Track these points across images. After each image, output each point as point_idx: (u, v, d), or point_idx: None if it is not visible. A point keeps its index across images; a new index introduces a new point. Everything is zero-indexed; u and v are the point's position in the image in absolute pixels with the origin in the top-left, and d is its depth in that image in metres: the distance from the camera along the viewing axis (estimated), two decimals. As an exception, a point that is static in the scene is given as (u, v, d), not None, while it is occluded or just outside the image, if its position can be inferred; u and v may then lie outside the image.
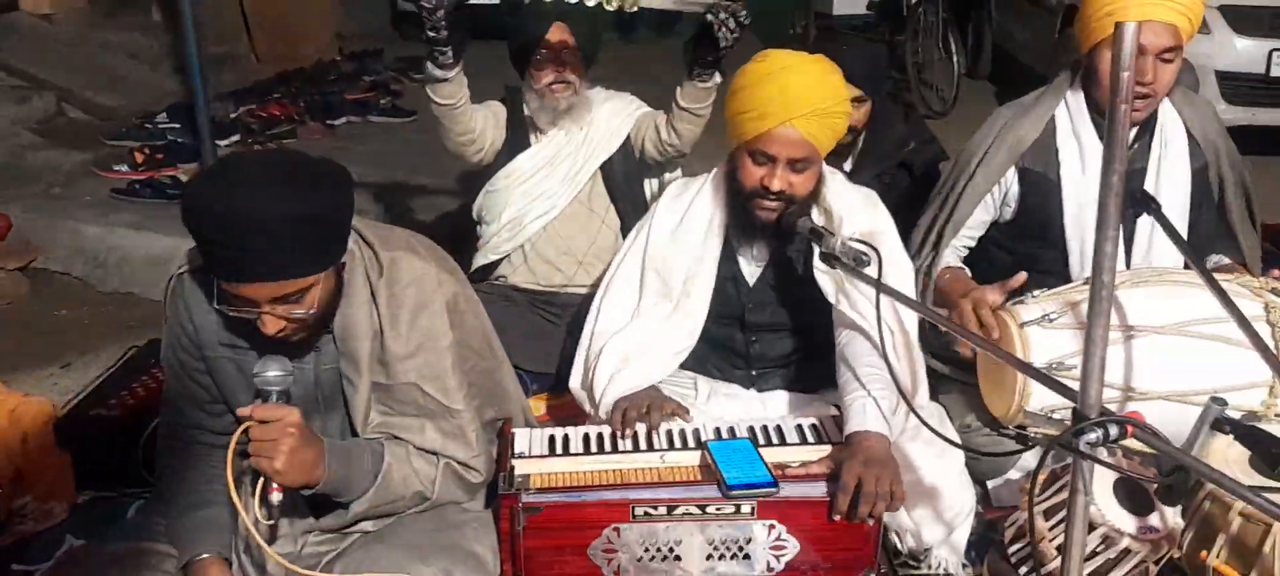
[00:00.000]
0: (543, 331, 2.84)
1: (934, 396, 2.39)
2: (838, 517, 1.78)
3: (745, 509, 1.80)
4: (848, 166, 3.06)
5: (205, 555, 1.77)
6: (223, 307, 1.66)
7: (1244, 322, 1.72)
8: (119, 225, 3.98)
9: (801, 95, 2.00)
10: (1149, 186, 2.30)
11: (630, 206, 2.88)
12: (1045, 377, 1.58)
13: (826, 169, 2.22)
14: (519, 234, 2.90)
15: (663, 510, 1.79)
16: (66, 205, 4.16)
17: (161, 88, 5.80)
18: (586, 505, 1.81)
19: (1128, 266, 2.32)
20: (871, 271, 1.91)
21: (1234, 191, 2.34)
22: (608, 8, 2.42)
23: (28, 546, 2.26)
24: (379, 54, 7.61)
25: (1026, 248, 2.47)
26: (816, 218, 2.17)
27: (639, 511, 1.79)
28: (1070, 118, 2.38)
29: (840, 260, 1.95)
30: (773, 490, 1.80)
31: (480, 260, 3.00)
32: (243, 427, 1.63)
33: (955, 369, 2.45)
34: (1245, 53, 5.08)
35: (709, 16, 2.42)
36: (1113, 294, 1.41)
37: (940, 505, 2.09)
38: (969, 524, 2.15)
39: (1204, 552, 1.91)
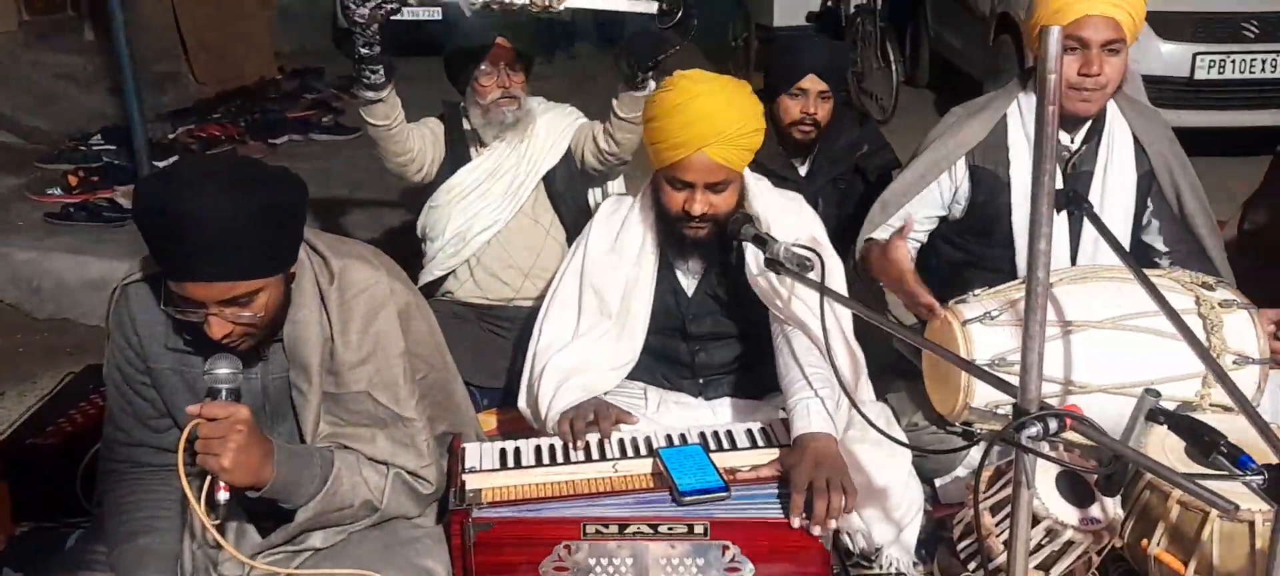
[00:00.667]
0: (491, 346, 2.83)
1: (881, 396, 2.43)
2: (797, 523, 1.79)
3: (698, 528, 1.79)
4: (804, 170, 3.10)
5: None
6: (170, 310, 1.64)
7: (1174, 316, 1.77)
8: (54, 250, 3.90)
9: (712, 124, 2.01)
10: (1094, 189, 2.36)
11: (574, 217, 2.88)
12: (985, 374, 1.61)
13: (749, 176, 2.24)
14: (464, 249, 2.88)
15: (614, 528, 1.79)
16: (-2, 231, 4.06)
17: (96, 109, 5.69)
18: (538, 521, 1.80)
19: (1072, 261, 2.37)
20: (815, 276, 1.94)
21: (1192, 199, 2.39)
22: (531, 11, 2.41)
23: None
24: (320, 72, 7.54)
25: (976, 245, 2.52)
26: None
27: (590, 529, 1.78)
28: (1022, 118, 2.43)
29: (784, 265, 1.98)
30: (724, 494, 1.81)
31: (426, 276, 2.97)
32: (191, 425, 1.61)
33: (909, 348, 2.49)
34: (1170, 57, 5.23)
35: (663, 6, 2.42)
36: (1048, 290, 1.44)
37: (889, 504, 2.11)
38: (918, 522, 2.17)
39: (1145, 541, 1.96)
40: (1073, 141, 2.39)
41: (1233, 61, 5.24)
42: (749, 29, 8.14)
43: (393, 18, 2.42)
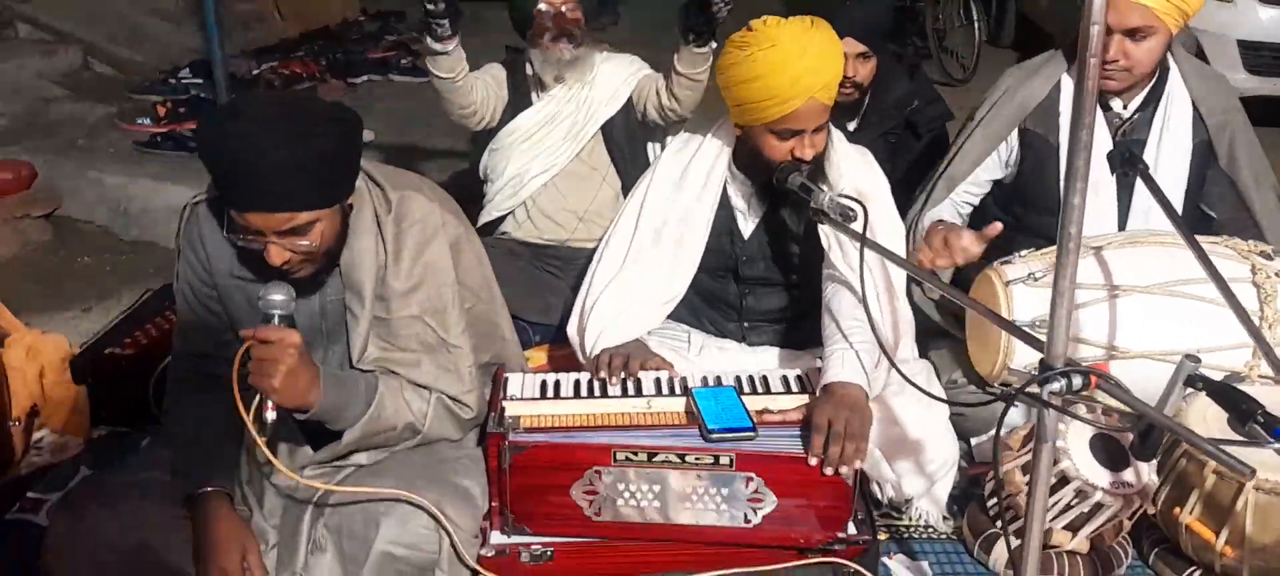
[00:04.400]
0: (545, 284, 2.89)
1: (923, 353, 2.43)
2: (815, 460, 1.82)
3: (724, 460, 1.84)
4: (853, 126, 3.08)
5: (208, 488, 1.82)
6: (233, 237, 1.73)
7: (1220, 281, 1.74)
8: (140, 176, 4.08)
9: (819, 74, 2.03)
10: (1148, 156, 2.30)
11: (631, 167, 2.90)
12: (1011, 326, 1.62)
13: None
14: (520, 191, 2.94)
15: (643, 456, 1.84)
16: (90, 156, 4.26)
17: (185, 44, 5.86)
18: (571, 447, 1.86)
19: (1121, 227, 2.33)
20: (857, 227, 1.95)
21: (1248, 171, 2.33)
22: None
23: (44, 476, 2.36)
24: (402, 15, 7.65)
25: (1024, 211, 2.49)
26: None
27: (620, 456, 1.84)
28: (1073, 83, 2.38)
29: (827, 215, 2.00)
30: (751, 434, 1.85)
31: (485, 217, 3.05)
32: (245, 347, 1.70)
33: (950, 320, 2.47)
34: (1270, 22, 5.01)
35: None
36: (1080, 247, 1.44)
37: (923, 458, 2.13)
38: (951, 476, 2.19)
39: (1178, 509, 1.95)
40: (1125, 107, 2.34)
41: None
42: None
43: None
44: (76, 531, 1.76)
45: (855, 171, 2.22)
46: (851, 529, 1.91)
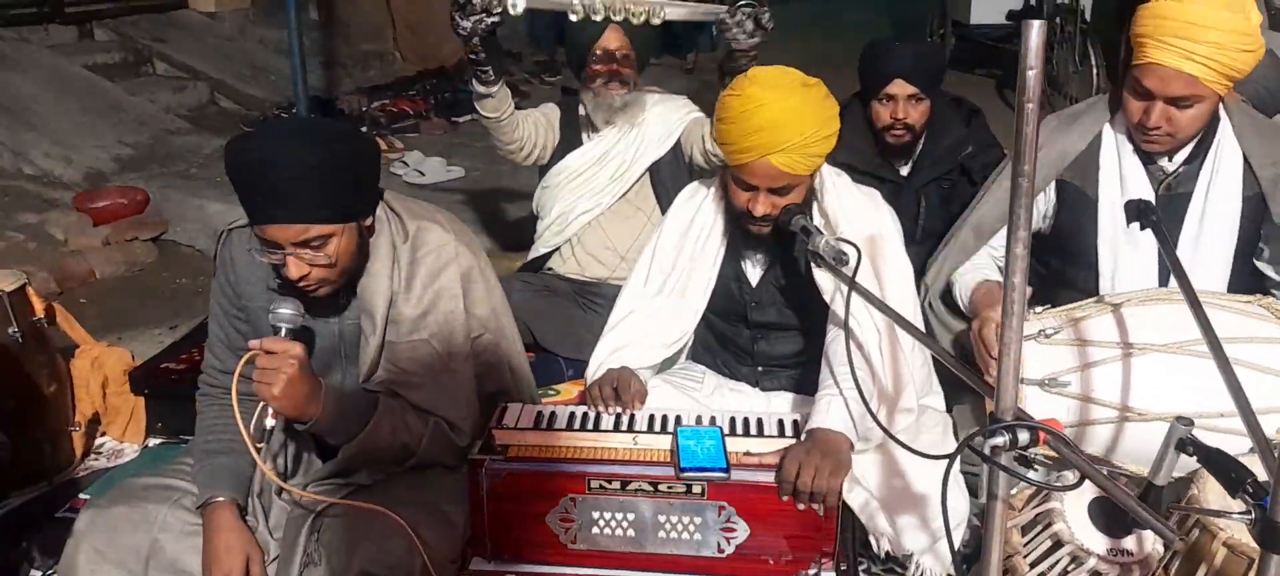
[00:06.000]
0: (581, 321, 2.94)
1: (951, 407, 2.36)
2: (787, 499, 1.81)
3: (696, 489, 1.84)
4: (906, 170, 3.03)
5: (221, 498, 1.93)
6: (256, 252, 1.85)
7: (1214, 344, 1.63)
8: (239, 205, 4.33)
9: (775, 135, 1.98)
10: (1193, 211, 2.19)
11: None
12: (979, 381, 1.56)
13: (830, 171, 2.22)
14: (566, 228, 3.02)
15: (617, 485, 1.86)
16: (199, 184, 4.58)
17: (309, 82, 6.27)
18: (546, 475, 1.89)
19: (1162, 283, 2.21)
20: (849, 270, 1.92)
21: None
22: (614, 20, 2.50)
23: (98, 479, 2.55)
24: (518, 56, 7.94)
25: (1060, 264, 2.39)
26: (817, 219, 2.19)
27: (594, 484, 1.86)
28: (1114, 136, 2.29)
29: (823, 258, 1.98)
30: (723, 475, 1.84)
31: (534, 252, 3.14)
32: (249, 356, 1.80)
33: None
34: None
35: (726, 17, 2.46)
36: (1025, 299, 1.38)
37: (928, 512, 2.06)
38: (959, 534, 2.12)
39: (1186, 583, 1.82)
40: (1171, 160, 2.23)
41: None
42: (946, 25, 7.85)
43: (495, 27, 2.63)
44: (100, 526, 1.89)
45: (860, 214, 2.18)
46: (827, 564, 1.87)
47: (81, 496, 2.47)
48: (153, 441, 2.72)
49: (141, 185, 4.44)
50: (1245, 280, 2.28)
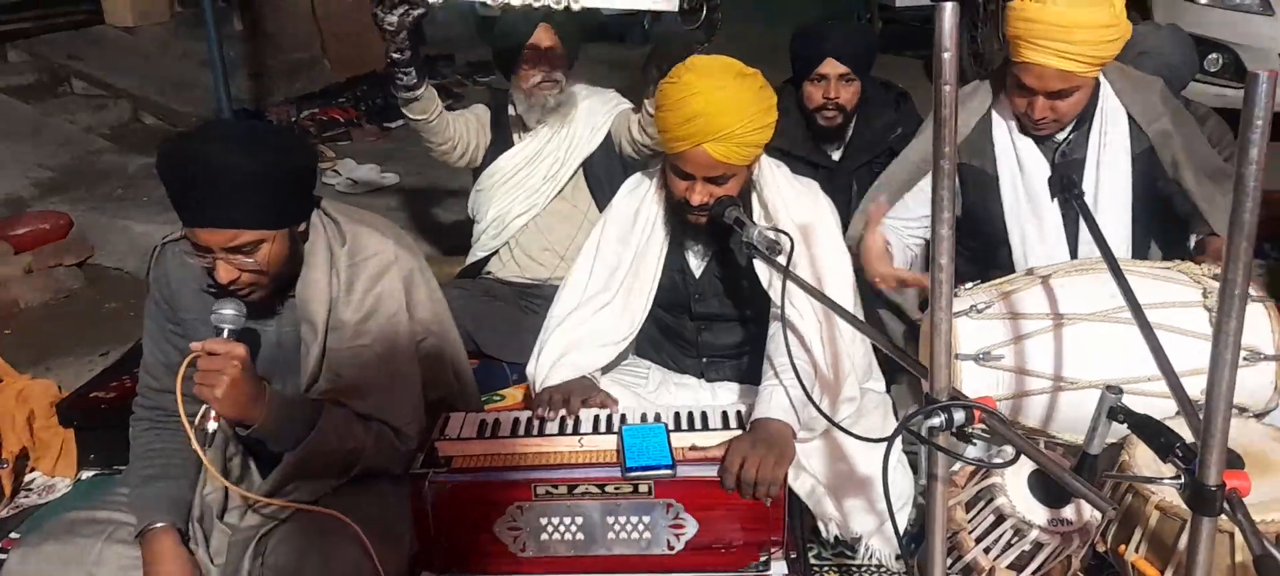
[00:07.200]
0: (523, 324, 2.90)
1: (891, 387, 2.39)
2: (729, 486, 1.82)
3: (643, 488, 1.84)
4: (837, 155, 3.06)
5: (160, 524, 1.87)
6: (186, 253, 1.81)
7: (1136, 309, 1.67)
8: (169, 224, 4.23)
9: (710, 122, 1.98)
10: (1088, 175, 2.25)
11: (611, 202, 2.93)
12: (908, 359, 1.58)
13: (768, 161, 2.23)
14: (503, 232, 2.99)
15: (563, 489, 1.85)
16: (125, 205, 4.45)
17: (234, 94, 6.13)
18: (491, 484, 1.88)
19: (1073, 255, 2.26)
20: (782, 260, 1.93)
21: (1190, 169, 2.24)
22: (555, 8, 2.47)
23: (29, 516, 2.47)
24: (449, 59, 7.85)
25: (976, 243, 2.44)
26: (756, 209, 2.20)
27: (540, 490, 1.86)
28: (1003, 111, 2.36)
29: (756, 248, 1.98)
30: (669, 471, 1.84)
31: (471, 257, 3.11)
32: (191, 359, 1.75)
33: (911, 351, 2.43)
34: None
35: (685, 5, 2.44)
36: (952, 279, 1.40)
37: (873, 494, 2.08)
38: (906, 513, 2.15)
39: (1124, 546, 1.87)
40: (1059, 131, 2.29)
41: None
42: (871, 8, 7.95)
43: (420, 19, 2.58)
44: (31, 566, 1.82)
45: (798, 204, 2.20)
46: (777, 553, 1.88)
47: (11, 536, 2.39)
48: (86, 474, 2.63)
49: (64, 209, 4.30)
50: (1144, 239, 2.34)
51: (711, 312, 2.34)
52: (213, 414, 1.75)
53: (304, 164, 1.86)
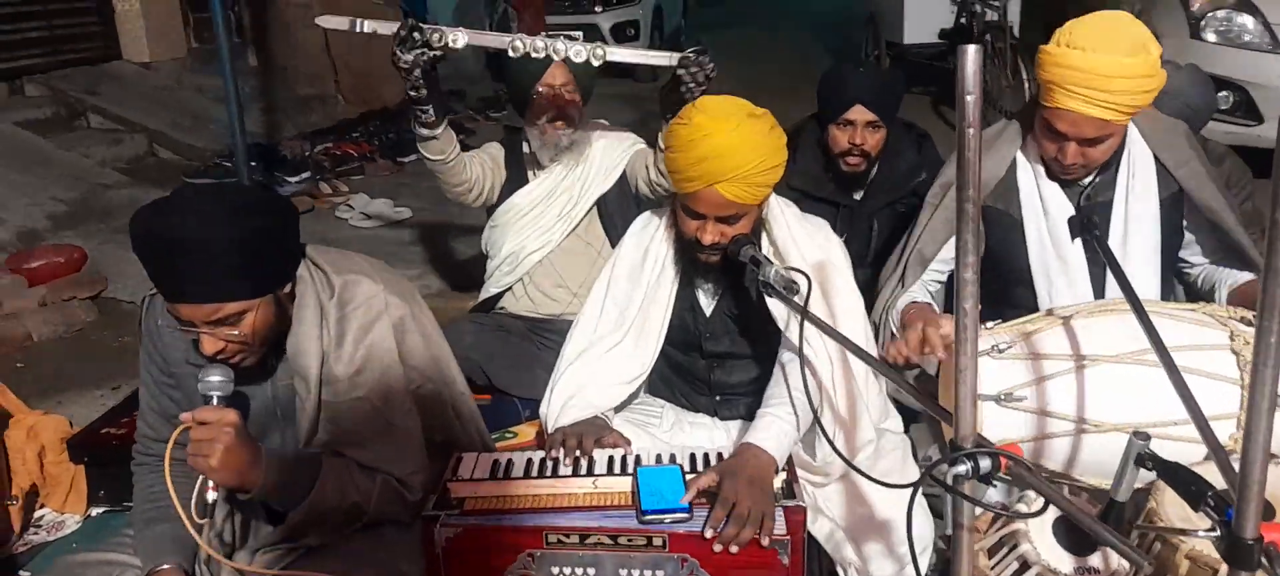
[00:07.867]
0: (535, 359, 2.90)
1: (906, 427, 2.36)
2: (711, 533, 1.77)
3: (657, 542, 1.80)
4: (859, 196, 3.04)
5: (166, 565, 1.86)
6: (171, 326, 1.78)
7: (1161, 349, 1.64)
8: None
9: (722, 163, 1.97)
10: (1115, 218, 2.22)
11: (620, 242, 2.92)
12: (936, 407, 1.55)
13: (778, 201, 2.22)
14: (516, 269, 2.99)
15: (575, 538, 1.81)
16: (139, 239, 4.45)
17: (249, 128, 6.16)
18: (502, 530, 1.84)
19: (1097, 295, 2.23)
20: (799, 299, 1.91)
21: (1223, 211, 2.22)
22: (576, 61, 2.49)
23: (39, 553, 2.44)
24: (461, 94, 7.90)
25: (998, 285, 2.41)
26: (766, 248, 2.18)
27: (552, 539, 1.82)
28: (1028, 154, 2.33)
29: (773, 287, 1.97)
30: (685, 515, 1.81)
31: (485, 293, 3.10)
32: (181, 429, 1.72)
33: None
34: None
35: (679, 70, 2.48)
36: (977, 323, 1.37)
37: (893, 539, 2.05)
38: (927, 558, 2.11)
39: (1152, 596, 1.82)
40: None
41: None
42: (879, 45, 7.98)
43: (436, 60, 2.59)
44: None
45: (809, 242, 2.18)
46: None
47: (21, 573, 2.36)
48: (95, 511, 2.61)
49: (78, 242, 4.32)
50: (1171, 281, 2.31)
51: (723, 351, 2.32)
52: (211, 484, 1.71)
53: (284, 224, 1.80)
